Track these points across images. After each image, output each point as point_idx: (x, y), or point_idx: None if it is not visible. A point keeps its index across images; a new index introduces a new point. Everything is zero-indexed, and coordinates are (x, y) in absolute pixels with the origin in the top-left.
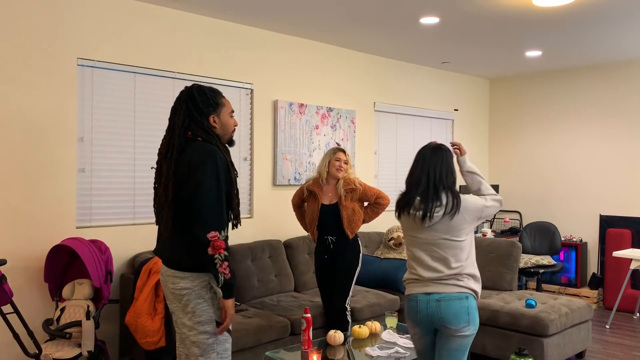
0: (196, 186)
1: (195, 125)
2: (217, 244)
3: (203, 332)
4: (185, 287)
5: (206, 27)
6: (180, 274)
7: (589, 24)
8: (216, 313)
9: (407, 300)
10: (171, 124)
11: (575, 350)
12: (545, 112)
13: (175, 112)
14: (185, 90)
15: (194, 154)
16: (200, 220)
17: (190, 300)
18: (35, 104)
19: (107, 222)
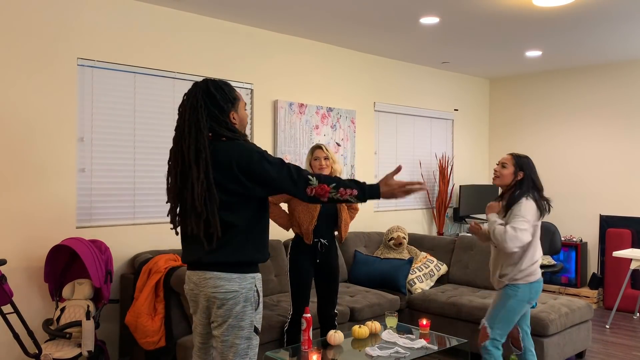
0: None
1: (217, 124)
2: (321, 189)
3: (241, 336)
4: (232, 289)
5: (206, 27)
6: (226, 275)
7: (589, 24)
8: (256, 317)
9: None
10: (191, 123)
11: (575, 350)
12: (545, 112)
13: (195, 110)
14: (199, 87)
15: (231, 156)
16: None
17: (237, 304)
18: (35, 104)
19: (107, 222)
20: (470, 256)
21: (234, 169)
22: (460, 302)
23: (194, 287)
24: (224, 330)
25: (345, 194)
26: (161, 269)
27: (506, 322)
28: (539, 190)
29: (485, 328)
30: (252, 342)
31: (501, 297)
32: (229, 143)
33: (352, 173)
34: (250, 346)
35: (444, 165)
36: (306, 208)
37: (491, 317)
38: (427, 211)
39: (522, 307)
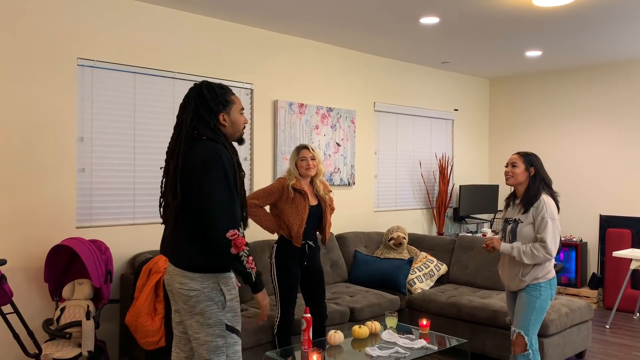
0: (204, 188)
1: (202, 123)
2: (239, 242)
3: (212, 334)
4: (194, 288)
5: (206, 27)
6: (189, 274)
7: (589, 24)
8: (226, 316)
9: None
10: (179, 122)
11: (575, 350)
12: (545, 112)
13: (184, 109)
14: (195, 88)
15: (199, 154)
16: (215, 223)
17: (199, 302)
18: (35, 104)
19: (107, 222)
20: (470, 256)
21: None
22: (460, 302)
23: (169, 279)
24: (194, 327)
25: (250, 262)
26: (161, 269)
27: (538, 324)
28: (548, 185)
29: (521, 336)
30: (226, 341)
31: (527, 300)
32: (205, 143)
33: (352, 173)
34: (227, 344)
35: (444, 165)
36: (295, 211)
37: (524, 323)
38: (427, 211)
39: (547, 305)
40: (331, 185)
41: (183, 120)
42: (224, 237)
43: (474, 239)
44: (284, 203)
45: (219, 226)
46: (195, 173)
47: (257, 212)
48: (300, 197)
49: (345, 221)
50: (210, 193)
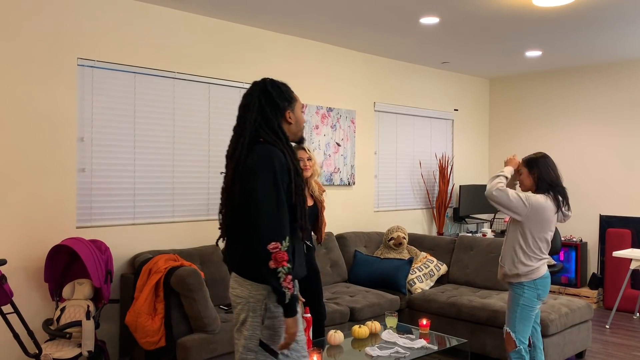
0: (251, 193)
1: (265, 124)
2: (279, 256)
3: (244, 346)
4: (241, 295)
5: (206, 27)
6: (240, 279)
7: (589, 24)
8: (263, 332)
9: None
10: (241, 122)
11: (575, 350)
12: (545, 112)
13: (247, 109)
14: (258, 85)
15: (254, 157)
16: (258, 231)
17: (242, 310)
18: (35, 104)
19: (107, 222)
20: (470, 256)
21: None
22: (460, 302)
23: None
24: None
25: (287, 280)
26: (161, 269)
27: (524, 321)
28: (552, 185)
29: (508, 334)
30: (257, 357)
31: (511, 298)
32: (261, 146)
33: (352, 173)
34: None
35: (444, 165)
36: None
37: (510, 320)
38: (427, 211)
39: (533, 304)
40: (331, 185)
41: (247, 120)
42: (264, 249)
43: (474, 239)
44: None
45: (260, 236)
46: (246, 177)
47: None
48: None
49: (345, 221)
50: (257, 200)
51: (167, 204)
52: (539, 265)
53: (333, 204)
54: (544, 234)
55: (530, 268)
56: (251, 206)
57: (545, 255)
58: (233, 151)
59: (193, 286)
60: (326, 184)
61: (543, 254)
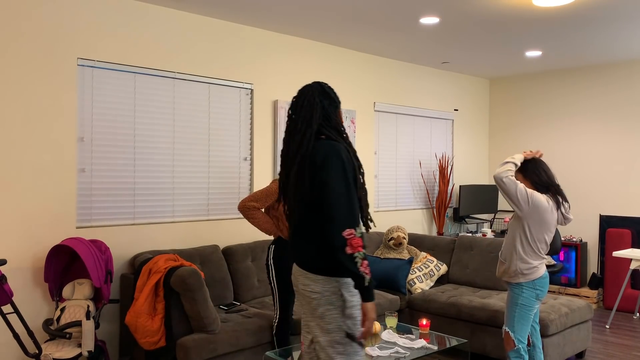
0: (323, 185)
1: (327, 122)
2: (355, 242)
3: (331, 339)
4: (316, 290)
5: (206, 27)
6: (311, 275)
7: (589, 24)
8: (345, 323)
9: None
10: (305, 119)
11: (575, 350)
12: (545, 112)
13: (309, 107)
14: (314, 87)
15: (320, 152)
16: (333, 220)
17: (319, 305)
18: (35, 104)
19: (107, 222)
20: (470, 256)
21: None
22: (460, 302)
23: (294, 279)
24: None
25: (364, 265)
26: (161, 269)
27: (523, 321)
28: (548, 186)
29: (507, 333)
30: (345, 348)
31: (510, 298)
32: (324, 141)
33: None
34: (346, 353)
35: (444, 165)
36: None
37: (509, 320)
38: (427, 211)
39: (532, 304)
40: None
41: (312, 117)
42: (340, 236)
43: (474, 239)
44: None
45: (336, 224)
46: (316, 171)
47: (256, 214)
48: None
49: None
50: (330, 191)
51: (167, 204)
52: (538, 264)
53: None
54: (543, 234)
55: (529, 266)
56: (324, 197)
57: (543, 256)
58: (298, 147)
59: (193, 286)
60: None
61: (541, 254)
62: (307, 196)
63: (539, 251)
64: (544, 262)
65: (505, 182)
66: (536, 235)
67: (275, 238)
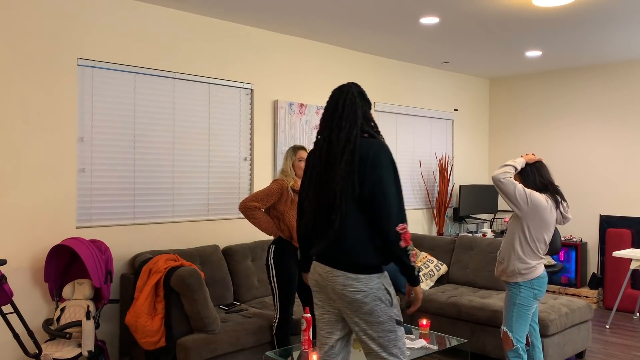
0: (377, 182)
1: (366, 121)
2: (407, 236)
3: (384, 330)
4: (360, 289)
5: (206, 27)
6: (352, 275)
7: (589, 24)
8: (393, 311)
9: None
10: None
11: (575, 350)
12: (545, 112)
13: (352, 106)
14: (352, 88)
15: (369, 149)
16: (388, 215)
17: (366, 303)
18: (36, 104)
19: (107, 222)
20: (470, 256)
21: (366, 164)
22: (460, 302)
23: (319, 279)
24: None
25: (413, 256)
26: (161, 269)
27: (521, 320)
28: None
29: (505, 333)
30: (397, 334)
31: (508, 297)
32: (369, 140)
33: None
34: (397, 338)
35: (444, 165)
36: (294, 212)
37: (507, 320)
38: (427, 211)
39: (530, 304)
40: None
41: (356, 116)
42: (394, 230)
43: (474, 239)
44: (284, 205)
45: (391, 219)
46: (366, 167)
47: (257, 214)
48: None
49: None
50: (385, 187)
51: (167, 204)
52: (536, 264)
53: None
54: (543, 234)
55: (527, 266)
56: (378, 194)
57: (542, 256)
58: (345, 144)
59: (193, 286)
60: None
61: (540, 254)
62: (357, 192)
63: (538, 251)
64: (542, 262)
65: (503, 182)
66: (535, 235)
67: (275, 238)
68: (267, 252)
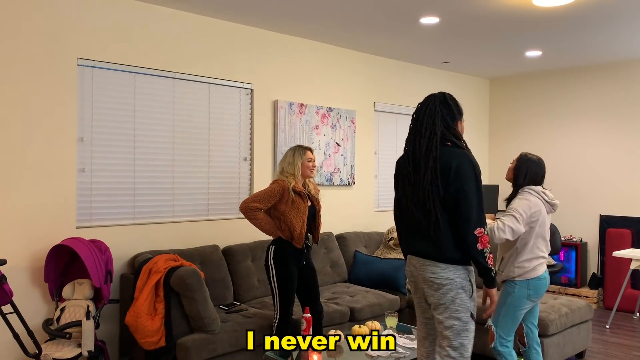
0: (460, 190)
1: (448, 130)
2: (484, 239)
3: (459, 319)
4: (447, 277)
5: (206, 27)
6: (441, 264)
7: (589, 24)
8: (470, 305)
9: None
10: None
11: (575, 350)
12: (545, 112)
13: (430, 115)
14: (436, 97)
15: (453, 157)
16: (467, 220)
17: (450, 290)
18: (35, 104)
19: (107, 222)
20: None
21: (450, 171)
22: None
23: (413, 270)
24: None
25: (489, 258)
26: (161, 269)
27: (509, 320)
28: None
29: (490, 327)
30: (469, 327)
31: (501, 295)
32: (453, 148)
33: (352, 173)
34: (468, 330)
35: None
36: (297, 212)
37: (495, 316)
38: None
39: (522, 304)
40: (331, 186)
41: (435, 124)
42: (473, 234)
43: None
44: (285, 205)
45: (471, 223)
46: (449, 175)
47: (258, 215)
48: (300, 199)
49: (345, 221)
50: (467, 193)
51: (167, 204)
52: (537, 264)
53: (333, 204)
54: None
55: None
56: (459, 200)
57: (541, 255)
58: (426, 151)
59: (193, 286)
60: (326, 184)
61: (540, 251)
62: (441, 196)
63: (538, 248)
64: (544, 262)
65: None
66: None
67: (275, 238)
68: (267, 253)
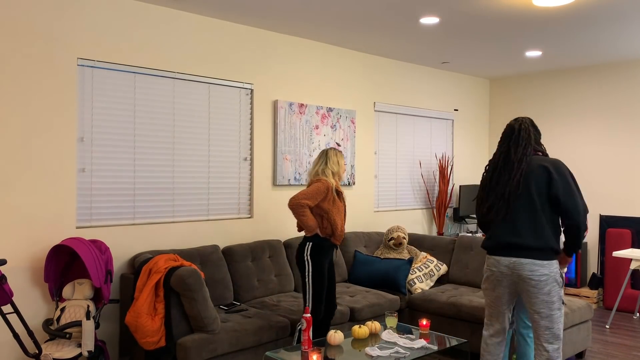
0: (565, 185)
1: (537, 144)
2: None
3: (555, 308)
4: (544, 273)
5: (206, 27)
6: (539, 262)
7: (589, 24)
8: (561, 292)
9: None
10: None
11: (575, 350)
12: (545, 112)
13: (527, 132)
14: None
15: (548, 162)
16: (579, 211)
17: (547, 284)
18: (36, 104)
19: (107, 222)
20: (470, 256)
21: (549, 174)
22: (460, 302)
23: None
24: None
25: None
26: (161, 269)
27: None
28: None
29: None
30: (561, 312)
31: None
32: (544, 156)
33: (352, 173)
34: (561, 315)
35: (444, 165)
36: (338, 211)
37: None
38: (427, 211)
39: None
40: None
41: (530, 138)
42: (585, 221)
43: (474, 239)
44: (328, 203)
45: (581, 213)
46: (551, 175)
47: (306, 212)
48: (338, 198)
49: (346, 221)
50: (571, 190)
51: (167, 204)
52: None
53: None
54: None
55: None
56: (567, 195)
57: None
58: (522, 156)
59: (193, 286)
60: None
61: None
62: (544, 194)
63: None
64: None
65: None
66: None
67: (312, 235)
68: (303, 248)
